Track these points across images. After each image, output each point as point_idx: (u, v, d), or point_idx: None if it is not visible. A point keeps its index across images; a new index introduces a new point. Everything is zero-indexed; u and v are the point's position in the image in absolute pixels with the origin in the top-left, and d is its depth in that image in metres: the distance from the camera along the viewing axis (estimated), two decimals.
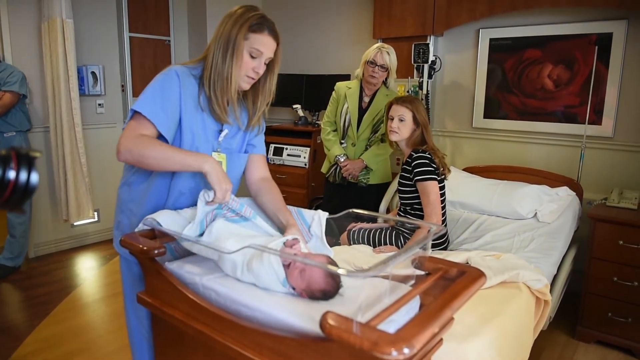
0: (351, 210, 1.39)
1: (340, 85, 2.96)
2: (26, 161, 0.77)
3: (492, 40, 3.22)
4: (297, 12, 4.28)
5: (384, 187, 2.93)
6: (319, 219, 1.43)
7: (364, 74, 2.78)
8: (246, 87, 1.43)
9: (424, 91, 3.29)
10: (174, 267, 1.25)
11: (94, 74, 3.80)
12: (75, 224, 3.84)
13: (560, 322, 2.64)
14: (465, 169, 3.17)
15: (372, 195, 2.90)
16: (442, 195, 2.27)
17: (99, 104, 3.93)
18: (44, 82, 3.51)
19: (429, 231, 1.18)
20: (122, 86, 4.12)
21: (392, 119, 2.29)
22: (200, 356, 1.19)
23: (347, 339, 0.81)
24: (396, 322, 0.93)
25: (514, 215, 2.57)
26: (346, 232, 2.44)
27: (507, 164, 3.15)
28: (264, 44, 1.37)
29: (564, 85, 2.99)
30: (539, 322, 1.99)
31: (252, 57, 1.37)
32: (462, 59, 3.39)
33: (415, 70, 3.33)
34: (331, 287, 1.09)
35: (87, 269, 3.50)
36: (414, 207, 2.30)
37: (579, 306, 2.52)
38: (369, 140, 2.85)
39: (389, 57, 2.72)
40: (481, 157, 3.36)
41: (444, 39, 3.45)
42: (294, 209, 1.47)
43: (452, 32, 3.38)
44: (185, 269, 1.23)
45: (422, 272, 1.16)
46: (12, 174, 0.76)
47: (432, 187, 2.18)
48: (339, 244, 2.38)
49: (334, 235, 2.26)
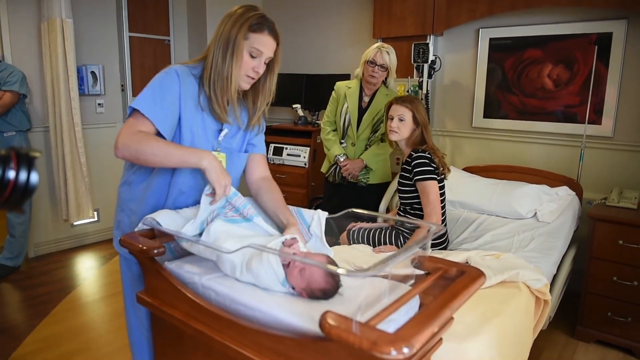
0: (351, 209, 1.39)
1: (340, 84, 2.96)
2: (26, 161, 0.77)
3: (492, 39, 3.22)
4: (297, 12, 4.28)
5: (383, 187, 2.93)
6: (318, 218, 1.43)
7: (363, 74, 2.78)
8: (246, 87, 1.43)
9: (424, 91, 3.29)
10: (173, 266, 1.25)
11: (93, 73, 3.80)
12: (75, 223, 3.84)
13: (560, 321, 2.64)
14: (465, 169, 3.17)
15: (371, 194, 2.90)
16: (442, 195, 2.27)
17: (99, 104, 3.93)
18: (43, 81, 3.51)
19: (428, 231, 1.17)
20: (122, 86, 4.12)
21: (392, 119, 2.29)
22: (199, 356, 1.19)
23: (347, 338, 0.81)
24: (396, 321, 0.93)
25: (514, 214, 2.58)
26: (346, 232, 2.44)
27: (506, 164, 3.15)
28: (263, 43, 1.37)
29: (564, 85, 2.99)
30: (538, 322, 1.99)
31: (252, 56, 1.38)
32: (462, 59, 3.39)
33: (415, 69, 3.34)
34: (331, 286, 1.09)
35: (87, 269, 3.50)
36: (413, 206, 2.30)
37: (579, 306, 2.52)
38: (368, 139, 2.85)
39: (389, 56, 2.72)
40: (481, 156, 3.36)
41: (443, 38, 3.45)
42: (293, 209, 1.47)
43: (452, 32, 3.38)
44: (184, 269, 1.23)
45: (422, 272, 1.16)
46: (11, 174, 0.75)
47: (432, 186, 2.18)
48: (338, 244, 2.38)
49: (333, 235, 2.26)
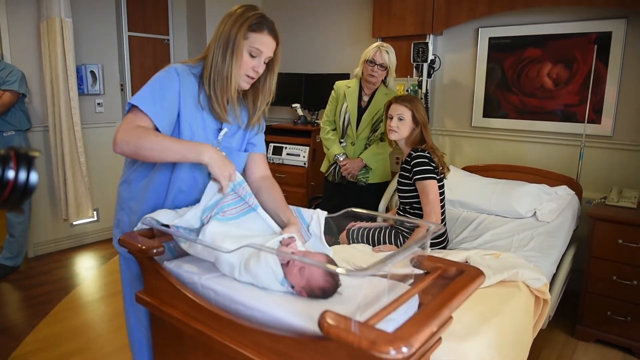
0: (350, 209, 1.39)
1: (339, 84, 2.95)
2: (25, 161, 0.77)
3: (491, 39, 3.22)
4: (297, 12, 4.28)
5: (383, 186, 2.93)
6: (317, 218, 1.43)
7: (363, 73, 2.78)
8: (246, 86, 1.43)
9: (423, 90, 3.29)
10: (172, 266, 1.25)
11: (93, 73, 3.80)
12: (74, 223, 3.84)
13: (559, 321, 2.64)
14: (464, 168, 3.17)
15: (371, 194, 2.90)
16: (442, 194, 2.27)
17: (98, 103, 3.93)
18: (43, 81, 3.51)
19: (427, 230, 1.17)
20: (121, 85, 4.11)
21: (392, 118, 2.29)
22: (199, 355, 1.19)
23: (346, 338, 0.81)
24: (395, 321, 0.93)
25: (513, 214, 2.58)
26: (345, 231, 2.44)
27: (506, 163, 3.15)
28: (263, 43, 1.38)
29: (564, 84, 2.99)
30: (538, 321, 1.99)
31: (252, 56, 1.38)
32: (461, 58, 3.39)
33: (414, 69, 3.34)
34: (330, 285, 1.09)
35: (87, 269, 3.50)
36: (413, 206, 2.30)
37: (579, 305, 2.52)
38: (368, 139, 2.85)
39: (388, 56, 2.71)
40: (480, 156, 3.36)
41: (443, 38, 3.44)
42: (293, 208, 1.47)
43: (452, 31, 3.38)
44: (184, 269, 1.23)
45: (421, 271, 1.16)
46: (11, 174, 0.75)
47: (432, 186, 2.18)
48: (338, 243, 2.38)
49: (333, 234, 2.26)
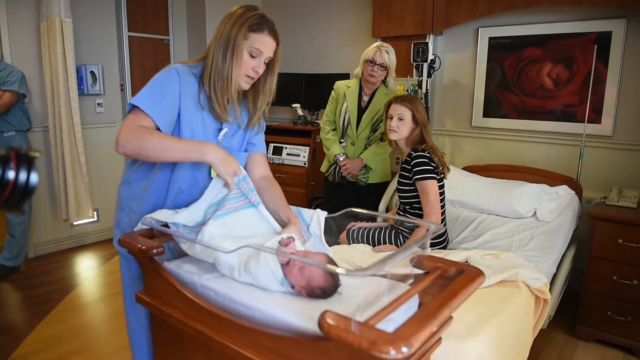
0: (350, 209, 1.39)
1: (339, 84, 2.95)
2: (26, 161, 0.77)
3: (491, 39, 3.22)
4: (297, 12, 4.28)
5: (383, 186, 2.93)
6: (317, 218, 1.43)
7: (363, 73, 2.78)
8: (246, 86, 1.44)
9: (423, 90, 3.29)
10: (172, 266, 1.25)
11: (93, 73, 3.80)
12: (74, 223, 3.84)
13: (559, 320, 2.64)
14: (464, 168, 3.17)
15: (371, 194, 2.90)
16: (442, 194, 2.27)
17: (98, 104, 3.92)
18: (43, 81, 3.50)
19: (427, 230, 1.17)
20: (121, 85, 4.11)
21: (392, 118, 2.28)
22: (199, 356, 1.19)
23: (346, 338, 0.81)
24: (395, 321, 0.93)
25: (514, 214, 2.57)
26: (345, 231, 2.44)
27: (506, 163, 3.15)
28: (263, 43, 1.38)
29: (564, 84, 2.99)
30: (538, 321, 1.99)
31: (252, 56, 1.38)
32: (461, 58, 3.39)
33: (414, 69, 3.34)
34: (330, 285, 1.10)
35: (87, 269, 3.50)
36: (413, 206, 2.30)
37: (579, 305, 2.52)
38: (368, 139, 2.85)
39: (388, 56, 2.71)
40: (480, 156, 3.36)
41: (443, 37, 3.44)
42: (293, 209, 1.47)
43: (452, 31, 3.38)
44: (184, 269, 1.23)
45: (421, 271, 1.16)
46: (11, 174, 0.75)
47: (432, 186, 2.18)
48: (338, 243, 2.38)
49: (333, 234, 2.26)
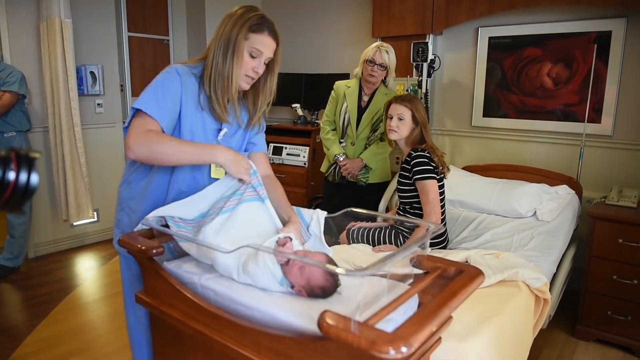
0: (349, 209, 1.39)
1: (339, 84, 2.95)
2: (26, 162, 0.77)
3: (491, 38, 3.22)
4: (297, 12, 4.28)
5: (383, 186, 2.93)
6: (317, 218, 1.43)
7: (363, 73, 2.78)
8: (246, 87, 1.44)
9: (423, 90, 3.28)
10: (172, 266, 1.25)
11: (92, 73, 3.80)
12: (74, 224, 3.84)
13: (559, 320, 2.64)
14: (464, 168, 3.17)
15: (371, 194, 2.90)
16: (442, 194, 2.27)
17: (98, 104, 3.92)
18: (42, 82, 3.50)
19: (427, 230, 1.17)
20: (121, 86, 4.11)
21: (391, 118, 2.28)
22: (199, 356, 1.19)
23: (345, 337, 0.81)
24: (394, 321, 0.93)
25: (514, 213, 2.57)
26: (345, 231, 2.44)
27: (506, 163, 3.15)
28: (263, 44, 1.38)
29: (564, 83, 2.98)
30: (538, 321, 1.99)
31: (252, 57, 1.39)
32: (461, 58, 3.39)
33: (414, 69, 3.34)
34: (330, 284, 1.10)
35: (87, 269, 3.50)
36: (413, 206, 2.30)
37: (579, 305, 2.52)
38: (368, 139, 2.85)
39: (388, 55, 2.71)
40: (480, 155, 3.36)
41: (443, 37, 3.44)
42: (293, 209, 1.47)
43: (452, 31, 3.38)
44: (183, 269, 1.23)
45: (421, 271, 1.16)
46: (12, 175, 0.75)
47: (431, 186, 2.18)
48: (338, 243, 2.38)
49: (333, 234, 2.25)
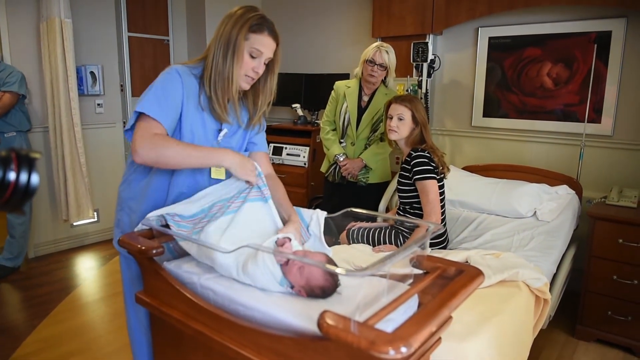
0: (349, 209, 1.39)
1: (339, 84, 2.95)
2: (26, 162, 0.77)
3: (491, 38, 3.22)
4: (297, 12, 4.28)
5: (383, 186, 2.93)
6: (317, 218, 1.43)
7: (363, 73, 2.78)
8: (246, 87, 1.44)
9: (423, 90, 3.28)
10: (172, 266, 1.25)
11: (92, 73, 3.80)
12: (74, 224, 3.84)
13: (560, 320, 2.64)
14: (464, 168, 3.17)
15: (371, 194, 2.90)
16: (442, 194, 2.26)
17: (98, 104, 3.93)
18: (42, 82, 3.50)
19: (427, 230, 1.17)
20: (121, 86, 4.11)
21: (391, 118, 2.28)
22: (199, 356, 1.19)
23: (345, 338, 0.81)
24: (394, 321, 0.93)
25: (514, 213, 2.57)
26: (345, 232, 2.44)
27: (506, 163, 3.14)
28: (263, 44, 1.38)
29: (564, 83, 2.98)
30: (538, 321, 1.99)
31: (252, 57, 1.39)
32: (461, 58, 3.39)
33: (414, 69, 3.33)
34: (330, 284, 1.10)
35: (87, 269, 3.50)
36: (413, 206, 2.30)
37: (579, 305, 2.52)
38: (368, 139, 2.85)
39: (388, 55, 2.71)
40: (480, 155, 3.36)
41: (443, 37, 3.44)
42: None
43: (452, 31, 3.38)
44: (183, 269, 1.23)
45: (420, 271, 1.16)
46: (12, 176, 0.75)
47: (432, 186, 2.18)
48: (338, 243, 2.38)
49: (332, 234, 2.25)
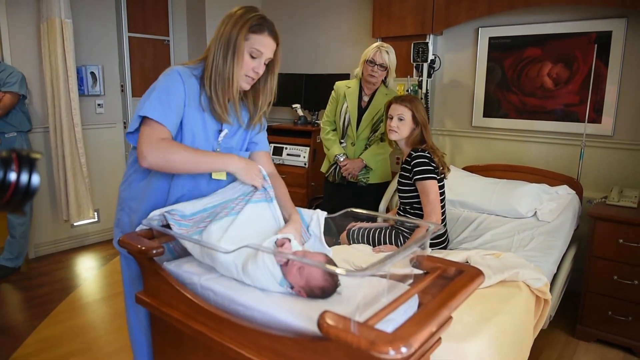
0: (350, 209, 1.39)
1: (339, 84, 2.95)
2: (27, 163, 0.77)
3: (491, 38, 3.22)
4: (297, 12, 4.28)
5: (383, 187, 2.93)
6: (317, 218, 1.43)
7: (363, 73, 2.78)
8: (246, 87, 1.44)
9: (424, 90, 3.28)
10: (172, 267, 1.25)
11: (93, 74, 3.80)
12: (75, 224, 3.84)
13: (560, 321, 2.63)
14: (464, 168, 3.16)
15: (371, 194, 2.90)
16: (442, 194, 2.26)
17: (99, 104, 3.93)
18: (43, 82, 3.51)
19: (427, 230, 1.17)
20: (122, 86, 4.11)
21: (392, 118, 2.28)
22: (199, 356, 1.19)
23: (345, 338, 0.81)
24: (394, 321, 0.93)
25: (514, 214, 2.57)
26: (346, 232, 2.44)
27: (506, 163, 3.14)
28: (264, 44, 1.38)
29: (564, 83, 2.98)
30: (539, 321, 1.99)
31: (252, 57, 1.39)
32: (461, 58, 3.39)
33: (414, 69, 3.33)
34: (330, 285, 1.10)
35: (87, 269, 3.50)
36: (413, 206, 2.30)
37: (579, 305, 2.52)
38: (368, 139, 2.85)
39: (388, 56, 2.71)
40: (481, 156, 3.36)
41: (443, 37, 3.44)
42: None
43: (452, 31, 3.38)
44: (183, 269, 1.23)
45: (421, 271, 1.16)
46: (13, 176, 0.75)
47: (432, 186, 2.18)
48: (338, 244, 2.38)
49: (333, 234, 2.25)
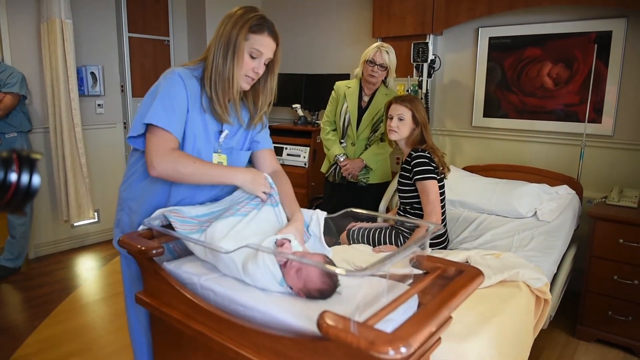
0: (349, 209, 1.39)
1: (339, 84, 2.95)
2: (28, 163, 0.77)
3: (491, 39, 3.22)
4: (297, 12, 4.28)
5: (383, 187, 2.93)
6: (317, 218, 1.43)
7: (363, 73, 2.78)
8: (246, 87, 1.44)
9: (424, 90, 3.28)
10: (172, 267, 1.25)
11: (93, 74, 3.80)
12: (75, 224, 3.84)
13: (560, 320, 2.63)
14: (464, 168, 3.17)
15: (371, 194, 2.90)
16: (442, 194, 2.26)
17: (99, 105, 3.93)
18: (43, 82, 3.51)
19: (426, 230, 1.17)
20: (122, 86, 4.11)
21: (392, 118, 2.28)
22: (199, 356, 1.19)
23: (345, 338, 0.81)
24: (394, 321, 0.93)
25: (514, 214, 2.57)
26: (346, 232, 2.44)
27: (506, 163, 3.14)
28: (263, 44, 1.38)
29: (564, 83, 2.98)
30: (539, 321, 1.99)
31: (252, 57, 1.39)
32: (461, 58, 3.39)
33: (414, 69, 3.33)
34: (328, 287, 1.09)
35: (88, 270, 3.50)
36: (413, 206, 2.30)
37: (579, 305, 2.52)
38: (368, 139, 2.85)
39: (388, 56, 2.71)
40: (481, 156, 3.36)
41: (443, 37, 3.44)
42: None
43: (452, 31, 3.38)
44: (183, 269, 1.24)
45: (420, 271, 1.16)
46: (13, 177, 0.75)
47: (432, 186, 2.18)
48: (338, 244, 2.38)
49: (333, 235, 2.25)
